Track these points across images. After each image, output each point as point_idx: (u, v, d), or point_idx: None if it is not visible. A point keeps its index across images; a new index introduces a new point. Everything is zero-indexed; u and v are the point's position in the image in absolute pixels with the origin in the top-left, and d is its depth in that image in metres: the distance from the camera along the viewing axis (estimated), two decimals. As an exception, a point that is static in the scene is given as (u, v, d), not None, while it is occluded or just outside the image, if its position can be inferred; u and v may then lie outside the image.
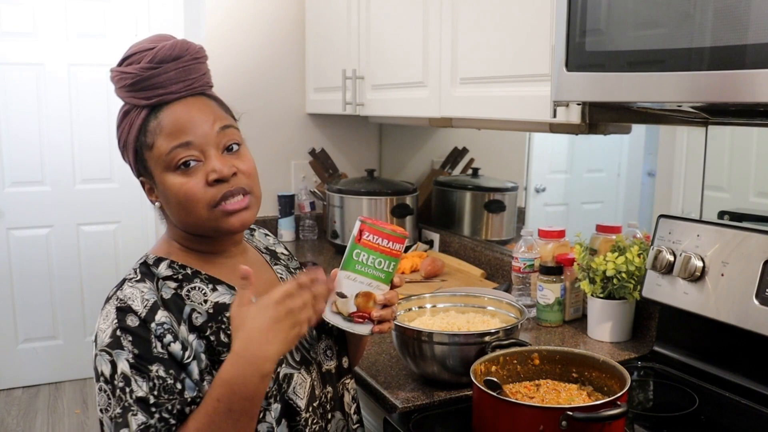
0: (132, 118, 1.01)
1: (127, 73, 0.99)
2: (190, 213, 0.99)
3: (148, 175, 1.02)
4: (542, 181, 2.24)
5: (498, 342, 1.25)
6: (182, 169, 0.97)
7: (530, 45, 1.45)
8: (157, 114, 0.99)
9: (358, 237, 1.02)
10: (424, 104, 1.88)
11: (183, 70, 1.00)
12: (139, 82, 0.99)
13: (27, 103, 3.58)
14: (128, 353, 0.92)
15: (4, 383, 3.75)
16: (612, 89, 1.11)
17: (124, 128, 1.02)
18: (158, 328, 0.94)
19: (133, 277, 0.99)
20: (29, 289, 3.72)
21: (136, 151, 1.01)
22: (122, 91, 1.02)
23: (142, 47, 1.01)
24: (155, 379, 0.91)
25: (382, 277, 1.02)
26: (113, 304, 0.96)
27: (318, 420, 1.06)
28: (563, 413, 0.96)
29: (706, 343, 1.38)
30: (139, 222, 3.84)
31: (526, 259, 1.75)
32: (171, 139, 0.97)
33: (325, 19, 2.54)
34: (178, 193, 0.98)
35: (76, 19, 3.60)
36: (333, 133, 2.87)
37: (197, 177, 0.97)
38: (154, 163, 0.99)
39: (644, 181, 1.86)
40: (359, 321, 1.02)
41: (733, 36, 0.91)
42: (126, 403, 0.90)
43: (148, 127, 0.99)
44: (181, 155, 0.97)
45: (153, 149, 0.99)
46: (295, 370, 1.04)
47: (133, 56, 1.00)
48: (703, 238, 1.35)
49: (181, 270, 1.02)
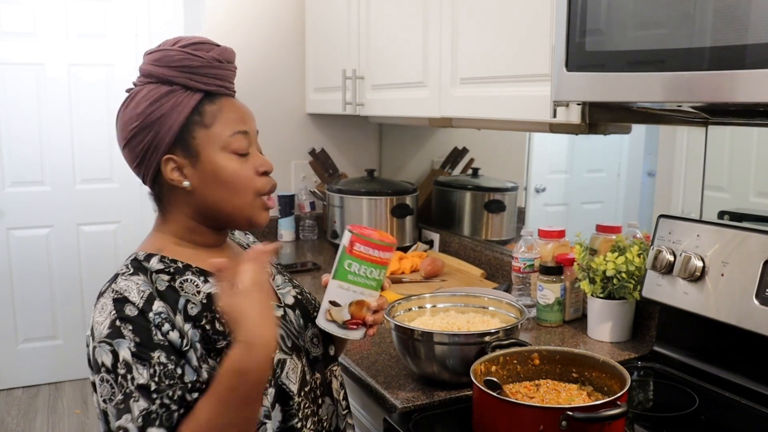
0: (180, 97, 1.03)
1: (196, 56, 1.04)
2: (237, 194, 1.05)
3: (189, 152, 1.04)
4: (542, 181, 2.24)
5: (498, 342, 1.25)
6: (237, 155, 1.05)
7: (530, 45, 1.45)
8: (214, 101, 1.05)
9: (350, 248, 1.04)
10: (424, 104, 1.88)
11: (233, 73, 1.11)
12: (205, 68, 1.05)
13: (27, 103, 3.58)
14: (130, 341, 0.94)
15: (4, 383, 3.75)
16: (612, 89, 1.11)
17: (163, 105, 1.03)
18: (156, 318, 0.96)
19: (126, 272, 1.01)
20: (29, 289, 3.72)
21: (182, 127, 1.03)
22: (175, 71, 1.04)
23: (207, 40, 1.07)
24: (156, 365, 0.93)
25: (374, 285, 1.06)
26: (109, 296, 0.98)
27: (310, 404, 1.09)
28: (563, 413, 0.96)
29: (706, 343, 1.38)
30: (139, 222, 3.83)
31: (526, 259, 1.75)
32: (233, 125, 1.05)
33: (325, 19, 2.54)
34: (233, 173, 1.04)
35: (76, 19, 3.60)
36: (333, 133, 2.87)
37: (249, 165, 1.06)
38: (209, 141, 1.04)
39: (644, 181, 1.86)
40: (353, 328, 1.06)
41: (733, 36, 0.91)
42: (128, 390, 0.91)
43: (204, 110, 1.04)
44: (241, 143, 1.05)
45: (211, 128, 1.04)
46: (288, 355, 1.07)
47: (204, 44, 1.06)
48: (703, 238, 1.35)
49: (172, 264, 1.04)
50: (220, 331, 1.00)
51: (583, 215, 2.14)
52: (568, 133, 1.44)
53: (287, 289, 1.17)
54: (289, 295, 1.16)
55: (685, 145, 1.59)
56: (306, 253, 2.58)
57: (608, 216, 1.99)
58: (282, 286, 1.17)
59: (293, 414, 1.05)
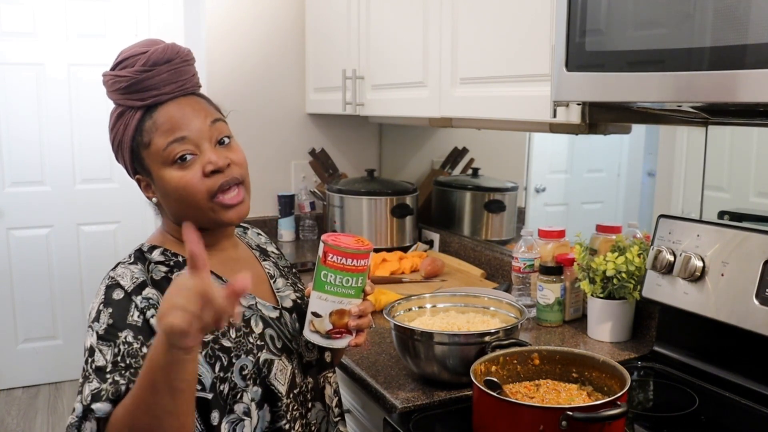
0: (126, 119, 1.05)
1: (121, 77, 1.04)
2: (190, 204, 1.03)
3: (145, 172, 1.07)
4: (542, 181, 2.24)
5: (498, 342, 1.25)
6: (179, 163, 1.02)
7: (530, 45, 1.45)
8: (152, 114, 1.04)
9: (323, 259, 1.04)
10: (424, 104, 1.88)
11: (175, 72, 1.05)
12: (133, 85, 1.04)
13: (27, 103, 3.58)
14: (102, 325, 0.96)
15: (4, 383, 3.75)
16: (612, 89, 1.11)
17: (118, 129, 1.06)
18: (143, 302, 0.98)
19: (126, 261, 1.06)
20: (29, 289, 3.72)
21: (132, 150, 1.06)
22: (116, 94, 1.06)
23: (134, 51, 1.05)
24: (121, 344, 0.95)
25: (352, 293, 1.05)
26: (104, 283, 1.02)
27: (298, 407, 1.10)
28: (563, 413, 0.96)
29: (706, 343, 1.38)
30: (139, 222, 3.83)
31: (526, 259, 1.75)
32: (167, 135, 1.02)
33: (325, 19, 2.54)
34: (177, 185, 1.03)
35: (76, 19, 3.60)
36: (333, 133, 2.87)
37: (194, 169, 1.02)
38: (152, 160, 1.04)
39: (644, 181, 1.85)
40: (336, 337, 1.06)
41: (733, 36, 0.91)
42: (86, 373, 0.94)
43: (144, 127, 1.04)
44: (178, 150, 1.02)
45: (150, 146, 1.04)
46: (276, 356, 1.08)
47: (127, 60, 1.05)
48: (703, 238, 1.35)
49: (173, 257, 1.07)
50: None
51: (583, 215, 2.14)
52: (568, 133, 1.44)
53: (287, 292, 1.17)
54: (288, 299, 1.16)
55: (685, 145, 1.59)
56: (306, 253, 2.57)
57: (608, 216, 1.99)
58: (282, 289, 1.18)
59: (281, 415, 1.06)
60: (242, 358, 1.03)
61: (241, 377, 1.03)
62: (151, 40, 1.08)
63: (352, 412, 1.55)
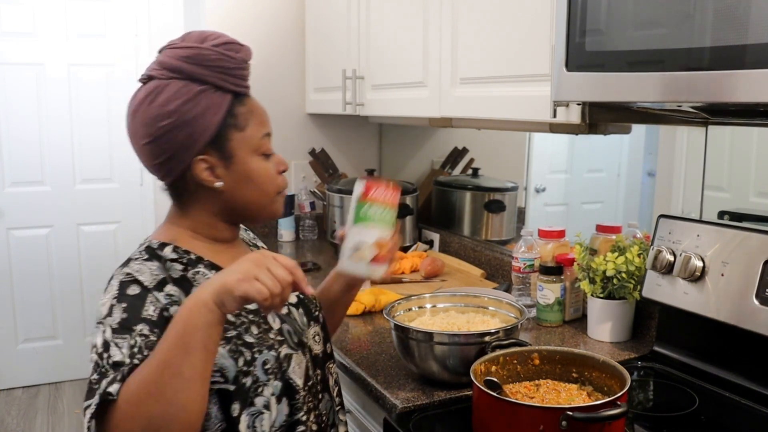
0: (212, 97, 1.03)
1: (231, 57, 1.05)
2: (263, 192, 1.10)
3: (223, 154, 1.05)
4: (542, 181, 2.24)
5: (498, 342, 1.25)
6: (264, 156, 1.09)
7: (530, 45, 1.45)
8: (243, 102, 1.07)
9: (366, 194, 1.18)
10: (424, 104, 1.88)
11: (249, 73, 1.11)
12: (236, 69, 1.06)
13: (27, 103, 3.58)
14: (115, 319, 0.94)
15: (4, 383, 3.75)
16: (612, 89, 1.11)
17: (198, 104, 1.02)
18: (166, 298, 0.98)
19: (139, 257, 1.03)
20: (29, 289, 3.72)
21: (219, 129, 1.04)
22: (209, 70, 1.03)
23: (233, 39, 1.07)
24: (138, 336, 0.93)
25: (389, 225, 1.18)
26: (117, 278, 1.00)
27: (312, 399, 1.12)
28: (563, 413, 0.96)
29: (706, 343, 1.38)
30: (139, 222, 3.83)
31: (526, 259, 1.75)
32: (261, 127, 1.09)
33: (325, 19, 2.54)
34: (262, 174, 1.09)
35: (76, 19, 3.60)
36: (333, 133, 2.87)
37: (271, 165, 1.11)
38: (243, 144, 1.07)
39: (644, 181, 1.85)
40: (377, 264, 1.16)
41: (733, 36, 0.91)
42: (103, 369, 0.91)
43: (237, 111, 1.06)
44: (267, 145, 1.10)
45: (245, 131, 1.07)
46: (294, 351, 1.09)
47: (233, 44, 1.06)
48: (703, 238, 1.35)
49: (185, 255, 1.06)
50: (231, 321, 1.03)
51: (583, 215, 2.14)
52: (568, 133, 1.44)
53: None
54: (293, 294, 1.17)
55: (685, 145, 1.59)
56: (306, 253, 2.57)
57: (608, 216, 1.99)
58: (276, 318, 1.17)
59: (299, 408, 1.08)
60: (264, 353, 1.04)
61: (263, 371, 1.04)
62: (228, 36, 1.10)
63: (352, 412, 1.55)
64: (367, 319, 1.75)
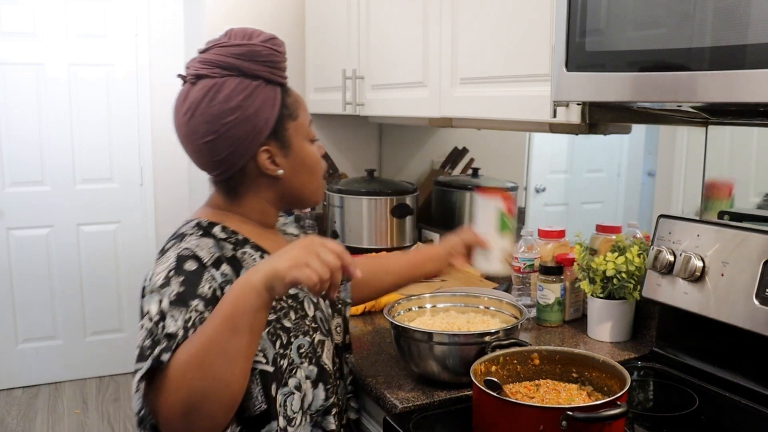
0: (266, 91, 1.09)
1: (278, 52, 1.10)
2: (316, 177, 1.17)
3: (283, 143, 1.12)
4: (542, 181, 2.24)
5: (498, 342, 1.25)
6: (312, 142, 1.17)
7: (530, 45, 1.45)
8: (289, 92, 1.14)
9: (509, 208, 1.39)
10: (424, 104, 1.88)
11: None
12: (281, 63, 1.11)
13: (27, 103, 3.58)
14: (173, 290, 0.97)
15: (4, 383, 3.75)
16: (612, 89, 1.11)
17: (257, 98, 1.07)
18: (221, 276, 1.02)
19: (194, 233, 1.06)
20: (29, 289, 3.72)
21: (278, 120, 1.10)
22: (261, 65, 1.08)
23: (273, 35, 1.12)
24: (193, 312, 0.96)
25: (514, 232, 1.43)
26: (175, 251, 1.02)
27: (336, 384, 1.19)
28: (563, 413, 0.96)
29: (706, 343, 1.38)
30: (139, 222, 3.83)
31: (526, 259, 1.75)
32: (307, 114, 1.17)
33: (325, 19, 2.54)
34: (314, 158, 1.16)
35: (76, 19, 3.61)
36: (333, 133, 2.87)
37: (317, 149, 1.18)
38: (298, 132, 1.14)
39: (644, 181, 1.85)
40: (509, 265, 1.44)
41: (733, 36, 0.91)
42: (156, 337, 0.93)
43: (287, 102, 1.12)
44: (313, 131, 1.18)
45: (298, 120, 1.14)
46: (326, 337, 1.17)
47: (276, 40, 1.12)
48: (703, 238, 1.35)
49: (233, 235, 1.10)
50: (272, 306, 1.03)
51: (583, 215, 2.14)
52: (568, 133, 1.44)
53: None
54: None
55: (685, 145, 1.59)
56: (306, 253, 2.57)
57: (608, 216, 1.99)
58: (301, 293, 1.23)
59: (332, 392, 1.15)
60: (300, 338, 1.10)
61: (298, 354, 1.10)
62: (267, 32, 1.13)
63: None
64: (367, 319, 1.75)
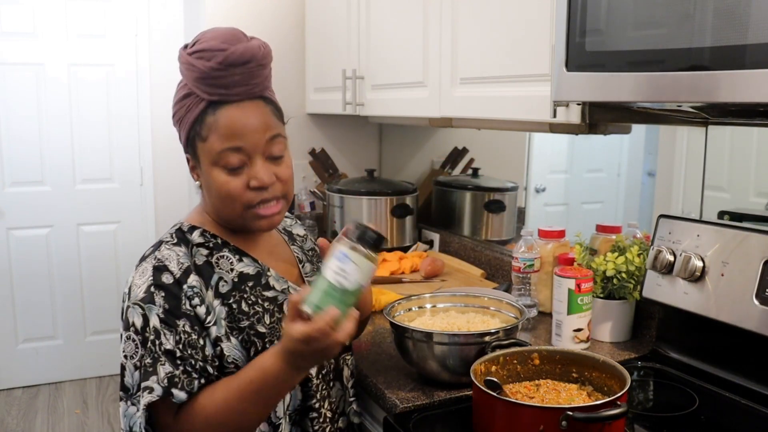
0: (191, 102, 1.06)
1: (195, 67, 1.04)
2: (227, 207, 1.07)
3: (195, 159, 1.09)
4: (542, 181, 2.24)
5: (498, 342, 1.25)
6: (228, 170, 1.04)
7: (530, 45, 1.45)
8: (215, 111, 1.04)
9: (581, 288, 1.45)
10: (424, 104, 1.88)
11: (248, 74, 1.06)
12: (204, 78, 1.04)
13: (27, 103, 3.58)
14: (159, 308, 1.00)
15: (4, 383, 3.75)
16: (612, 89, 1.11)
17: (181, 107, 1.08)
18: (189, 290, 1.02)
19: (169, 241, 1.08)
20: (29, 289, 3.72)
21: (189, 135, 1.08)
22: (187, 76, 1.07)
23: (214, 45, 1.03)
24: (181, 333, 1.00)
25: None
26: (150, 262, 1.04)
27: (325, 387, 1.17)
28: (563, 413, 0.96)
29: (706, 343, 1.38)
30: (139, 222, 3.83)
31: (526, 259, 1.75)
32: (224, 140, 1.04)
33: (325, 19, 2.54)
34: (220, 188, 1.05)
35: (76, 19, 3.60)
36: (333, 133, 2.86)
37: (240, 179, 1.05)
38: (205, 155, 1.06)
39: (644, 181, 1.86)
40: None
41: (733, 36, 0.91)
42: (156, 354, 0.98)
43: (205, 120, 1.04)
44: (231, 159, 1.04)
45: (206, 142, 1.05)
46: None
47: (205, 52, 1.03)
48: (703, 238, 1.35)
49: (212, 239, 1.11)
50: (245, 311, 1.07)
51: (583, 215, 2.14)
52: (568, 133, 1.44)
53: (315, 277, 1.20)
54: None
55: (685, 145, 1.59)
56: (306, 253, 2.57)
57: (608, 216, 1.99)
58: (310, 274, 1.24)
59: (312, 395, 1.13)
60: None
61: None
62: (233, 34, 1.06)
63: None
64: (367, 319, 1.75)
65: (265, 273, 1.13)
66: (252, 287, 1.10)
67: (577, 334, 1.46)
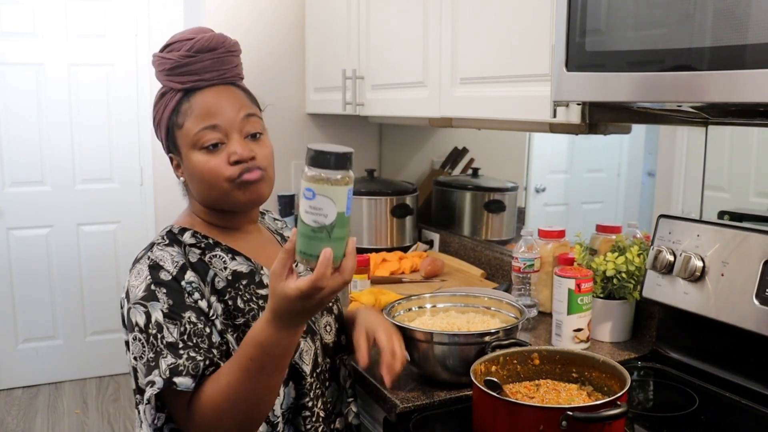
0: (167, 99, 1.11)
1: (167, 59, 1.10)
2: (213, 187, 1.09)
3: (177, 152, 1.12)
4: (542, 181, 2.24)
5: (498, 342, 1.25)
6: (207, 149, 1.08)
7: (530, 45, 1.45)
8: (190, 98, 1.10)
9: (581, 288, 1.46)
10: (424, 104, 1.88)
11: (217, 60, 1.11)
12: (176, 68, 1.10)
13: (27, 103, 3.58)
14: (163, 304, 1.01)
15: (4, 383, 3.75)
16: (612, 89, 1.11)
17: (159, 108, 1.13)
18: (187, 286, 1.03)
19: (161, 242, 1.09)
20: (29, 289, 3.72)
21: (168, 129, 1.12)
22: (161, 75, 1.12)
23: (183, 37, 1.11)
24: (187, 323, 1.00)
25: None
26: (144, 263, 1.05)
27: (320, 386, 1.16)
28: (563, 413, 0.96)
29: (706, 343, 1.38)
30: (139, 222, 3.83)
31: (526, 259, 1.75)
32: (200, 120, 1.08)
33: (325, 19, 2.54)
34: (202, 169, 1.08)
35: (76, 19, 3.60)
36: (333, 133, 2.86)
37: (220, 156, 1.08)
38: (183, 141, 1.10)
39: (644, 181, 1.86)
40: None
41: (733, 36, 0.91)
42: (158, 348, 0.98)
43: (180, 109, 1.10)
44: (208, 136, 1.08)
45: (183, 128, 1.09)
46: (302, 338, 1.13)
47: (174, 44, 1.11)
48: (703, 238, 1.35)
49: (203, 239, 1.12)
50: (240, 308, 1.07)
51: (583, 215, 2.14)
52: (568, 133, 1.44)
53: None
54: None
55: (685, 145, 1.59)
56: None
57: (608, 216, 1.99)
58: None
59: (305, 393, 1.12)
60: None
61: None
62: (201, 28, 1.13)
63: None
64: (367, 319, 1.75)
65: (259, 271, 1.13)
66: (246, 285, 1.10)
67: (577, 334, 1.46)
